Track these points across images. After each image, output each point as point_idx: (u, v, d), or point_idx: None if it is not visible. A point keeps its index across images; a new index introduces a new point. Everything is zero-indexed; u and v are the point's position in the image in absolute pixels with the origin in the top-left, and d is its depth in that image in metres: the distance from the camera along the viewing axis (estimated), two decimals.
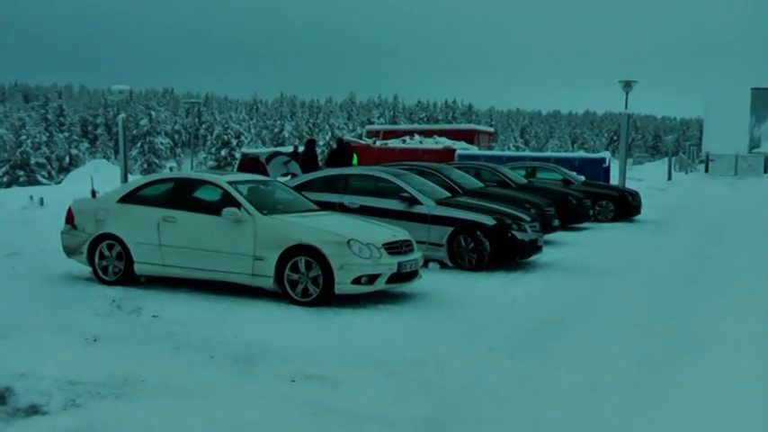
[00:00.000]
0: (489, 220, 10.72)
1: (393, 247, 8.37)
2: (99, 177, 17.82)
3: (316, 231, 8.17)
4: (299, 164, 19.64)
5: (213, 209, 8.63)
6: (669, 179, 45.23)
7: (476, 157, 25.87)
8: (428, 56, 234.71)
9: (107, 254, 9.13)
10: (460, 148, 29.62)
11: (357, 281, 7.98)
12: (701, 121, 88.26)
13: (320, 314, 7.68)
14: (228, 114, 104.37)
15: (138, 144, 79.41)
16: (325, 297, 8.02)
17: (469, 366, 5.99)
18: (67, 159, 72.63)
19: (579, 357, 6.29)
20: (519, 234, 10.80)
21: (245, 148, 50.59)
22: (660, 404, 5.26)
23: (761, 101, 72.35)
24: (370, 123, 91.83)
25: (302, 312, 7.75)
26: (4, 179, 61.12)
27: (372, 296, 8.44)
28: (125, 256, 9.00)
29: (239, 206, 8.47)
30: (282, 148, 34.60)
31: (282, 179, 15.53)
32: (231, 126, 79.82)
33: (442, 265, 10.83)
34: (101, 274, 9.17)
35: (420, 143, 31.54)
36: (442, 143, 30.68)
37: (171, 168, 66.87)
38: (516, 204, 12.65)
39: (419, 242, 9.71)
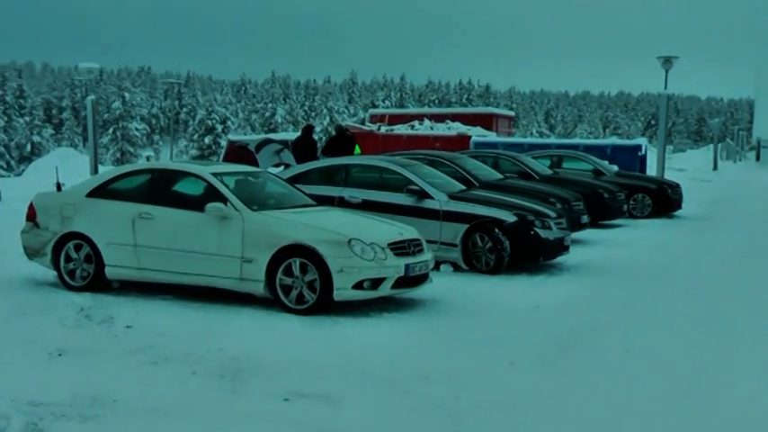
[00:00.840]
0: (509, 217, 10.72)
1: (400, 248, 8.37)
2: (65, 168, 17.82)
3: (312, 229, 8.17)
4: (293, 153, 19.63)
5: (195, 204, 8.63)
6: (714, 169, 45.18)
7: (494, 145, 25.86)
8: (440, 30, 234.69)
9: (74, 256, 9.15)
10: (476, 134, 29.61)
11: (359, 286, 7.98)
12: (751, 103, 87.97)
13: (317, 323, 7.69)
14: (213, 96, 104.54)
15: (110, 130, 79.58)
16: (323, 304, 8.02)
17: (487, 383, 5.98)
18: (29, 148, 72.85)
19: (612, 373, 6.28)
20: (543, 232, 10.79)
21: (231, 135, 50.63)
22: None
23: None
24: (374, 107, 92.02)
25: (297, 321, 7.76)
26: None
27: (376, 303, 8.44)
28: (95, 258, 9.01)
29: (225, 201, 8.48)
30: (274, 135, 34.58)
31: (274, 170, 15.52)
32: (216, 110, 79.93)
33: (456, 268, 10.83)
34: (67, 278, 9.18)
35: (430, 129, 31.52)
36: (456, 129, 30.67)
37: (147, 158, 67.12)
38: (540, 198, 12.64)
39: (430, 241, 9.71)
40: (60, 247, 9.21)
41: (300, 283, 8.06)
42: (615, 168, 20.79)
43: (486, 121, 34.14)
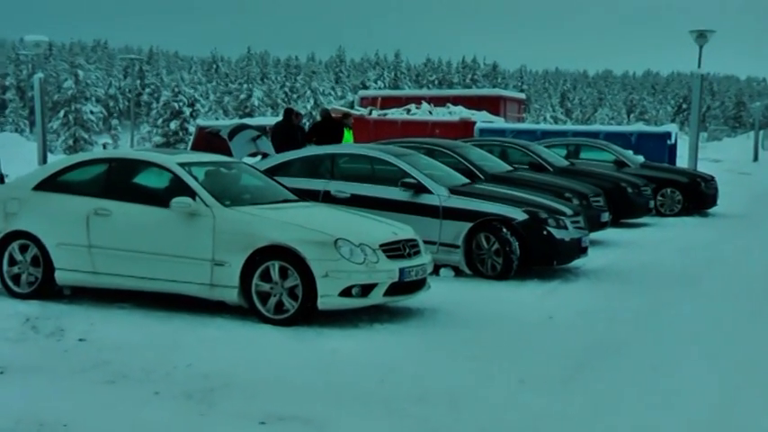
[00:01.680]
0: (519, 214, 10.74)
1: (394, 249, 8.39)
2: (8, 157, 17.82)
3: (293, 228, 8.18)
4: (271, 140, 19.63)
5: (159, 199, 8.65)
6: (755, 160, 45.34)
7: (502, 132, 25.90)
8: (440, 1, 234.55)
9: (19, 258, 9.13)
10: (482, 120, 29.65)
11: (347, 293, 8.00)
12: None
13: (299, 336, 7.70)
14: (180, 75, 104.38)
15: (61, 113, 79.34)
16: (306, 314, 8.03)
17: (492, 404, 6.00)
18: None
19: (634, 395, 6.30)
20: (557, 232, 10.82)
21: (201, 120, 50.53)
22: None
23: None
24: (365, 88, 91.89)
25: (275, 334, 7.77)
26: None
27: (367, 312, 8.45)
28: (43, 260, 9.00)
29: (193, 195, 8.49)
30: (250, 120, 34.47)
31: (250, 160, 15.53)
32: (183, 91, 79.78)
33: (458, 273, 10.86)
34: (11, 284, 9.17)
35: (429, 114, 31.54)
36: (458, 114, 30.69)
37: (105, 146, 66.95)
38: (554, 193, 12.68)
39: (428, 242, 9.73)
40: (3, 248, 9.18)
41: (280, 290, 8.06)
42: (641, 159, 20.84)
43: (493, 105, 34.15)
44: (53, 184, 9.20)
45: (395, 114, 31.96)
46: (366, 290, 8.08)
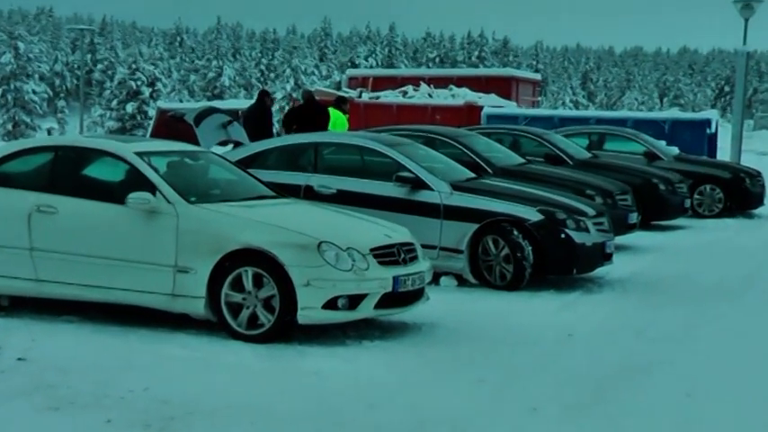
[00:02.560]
0: (533, 214, 10.77)
1: (387, 255, 8.40)
2: None
3: (270, 229, 8.19)
4: (244, 127, 19.64)
5: (114, 194, 8.65)
6: None
7: (514, 119, 25.92)
8: None
9: None
10: (490, 104, 29.66)
11: (332, 304, 8.00)
12: None
13: (276, 355, 7.70)
14: (138, 50, 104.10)
15: None
16: (284, 329, 8.04)
17: None
18: None
19: (667, 424, 6.31)
20: (577, 235, 10.85)
21: (162, 102, 50.47)
22: None
23: None
24: (354, 67, 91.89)
25: (248, 352, 7.76)
26: None
27: (355, 328, 8.46)
28: None
29: (153, 190, 8.48)
30: (220, 103, 34.39)
31: (220, 149, 15.49)
32: (142, 67, 79.64)
33: (461, 282, 10.89)
34: None
35: (429, 97, 31.55)
36: (463, 97, 30.71)
37: (49, 131, 66.82)
38: (574, 190, 12.72)
39: (426, 246, 9.74)
40: None
41: (254, 301, 8.07)
42: (675, 151, 20.86)
43: (504, 87, 34.20)
44: None
45: (389, 97, 31.95)
46: (354, 301, 8.07)
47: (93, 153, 9.20)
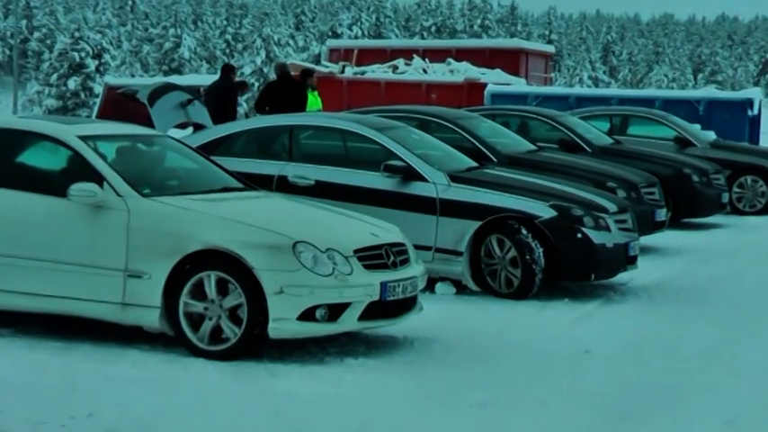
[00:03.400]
0: (544, 210, 10.77)
1: (373, 257, 8.39)
2: None
3: (236, 227, 8.18)
4: (207, 107, 19.61)
5: (53, 185, 8.65)
6: None
7: (522, 98, 25.95)
8: None
9: None
10: (494, 81, 29.70)
11: (309, 315, 7.97)
12: None
13: (243, 374, 7.68)
14: (82, 15, 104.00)
15: None
16: (252, 344, 8.04)
17: None
18: None
19: None
20: (596, 235, 10.85)
21: (111, 77, 50.33)
22: None
23: None
24: (336, 37, 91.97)
25: (212, 370, 7.74)
26: None
27: (336, 343, 8.46)
28: None
29: (100, 181, 8.44)
30: (179, 79, 34.30)
31: (178, 133, 15.45)
32: (87, 36, 79.52)
33: (460, 289, 10.88)
34: None
35: (423, 72, 31.57)
36: (463, 73, 30.75)
37: None
38: (592, 182, 12.74)
39: (420, 247, 9.74)
40: None
41: (217, 311, 8.04)
42: (712, 136, 20.91)
43: (511, 61, 34.21)
44: None
45: (377, 73, 32.01)
46: (335, 312, 8.04)
47: (29, 137, 9.15)
